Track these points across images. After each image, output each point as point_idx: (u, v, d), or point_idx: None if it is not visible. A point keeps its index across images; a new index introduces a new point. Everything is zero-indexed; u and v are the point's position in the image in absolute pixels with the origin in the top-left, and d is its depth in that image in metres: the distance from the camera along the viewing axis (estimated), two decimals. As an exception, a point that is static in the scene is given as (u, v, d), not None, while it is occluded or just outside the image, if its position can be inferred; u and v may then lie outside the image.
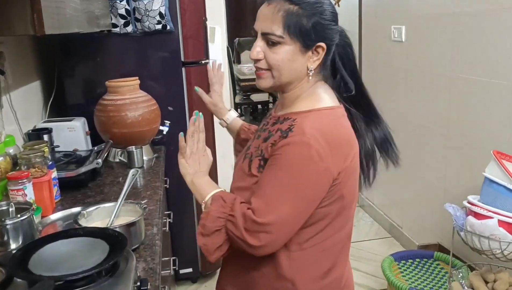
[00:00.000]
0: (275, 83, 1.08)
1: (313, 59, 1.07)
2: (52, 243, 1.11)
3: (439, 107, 2.55)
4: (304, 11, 1.03)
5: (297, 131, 1.02)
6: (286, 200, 1.00)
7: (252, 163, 1.09)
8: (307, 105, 1.09)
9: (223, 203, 1.05)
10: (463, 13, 2.29)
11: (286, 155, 1.00)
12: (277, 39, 1.03)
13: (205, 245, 1.04)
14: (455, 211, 1.79)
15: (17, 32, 1.04)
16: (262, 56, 1.06)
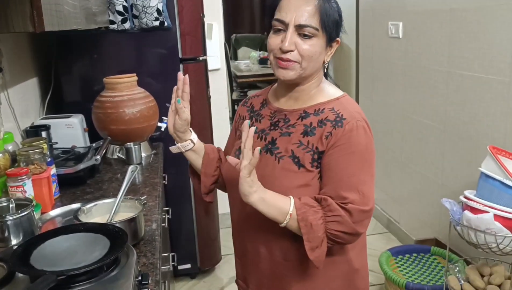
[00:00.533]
0: (300, 75, 1.09)
1: (329, 52, 1.12)
2: (53, 238, 1.12)
3: (437, 102, 2.57)
4: (331, 6, 1.07)
5: (348, 117, 1.08)
6: (370, 182, 1.08)
7: (301, 159, 1.09)
8: (327, 96, 1.14)
9: (315, 209, 1.03)
10: (460, 9, 2.31)
11: (355, 142, 1.06)
12: (314, 32, 1.05)
13: (318, 257, 1.04)
14: (451, 206, 1.80)
15: (16, 29, 1.05)
16: (294, 47, 1.06)
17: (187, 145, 1.27)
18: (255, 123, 1.21)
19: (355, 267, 1.18)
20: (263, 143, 1.16)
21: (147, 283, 1.06)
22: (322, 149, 1.07)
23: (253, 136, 1.01)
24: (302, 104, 1.15)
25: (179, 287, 2.70)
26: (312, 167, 1.08)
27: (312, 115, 1.11)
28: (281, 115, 1.16)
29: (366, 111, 3.60)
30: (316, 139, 1.08)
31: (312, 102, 1.14)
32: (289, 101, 1.17)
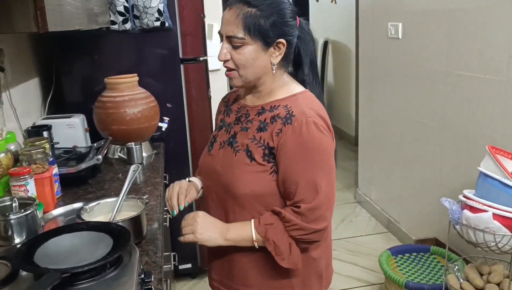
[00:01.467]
0: (244, 81, 1.17)
1: (276, 54, 1.16)
2: (56, 237, 1.13)
3: (435, 102, 2.58)
4: (262, 12, 1.11)
5: (298, 114, 1.12)
6: (321, 174, 1.11)
7: (254, 153, 1.16)
8: (286, 92, 1.20)
9: (274, 226, 1.12)
10: (459, 10, 2.32)
11: (304, 139, 1.10)
12: (240, 41, 1.12)
13: (291, 264, 1.13)
14: (451, 205, 1.81)
15: (20, 29, 1.06)
16: (229, 57, 1.15)
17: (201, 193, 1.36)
18: (225, 117, 1.28)
19: (312, 256, 1.25)
20: (228, 136, 1.24)
21: (150, 281, 1.07)
22: (273, 145, 1.14)
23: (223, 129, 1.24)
24: (262, 100, 1.22)
25: (180, 286, 2.71)
26: (263, 161, 1.15)
27: (267, 112, 1.18)
28: (244, 110, 1.24)
29: (365, 111, 3.63)
30: (267, 135, 1.15)
31: (271, 98, 1.20)
32: (253, 98, 1.24)
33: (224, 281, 1.32)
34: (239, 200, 1.18)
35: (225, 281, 1.31)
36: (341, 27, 5.48)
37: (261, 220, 1.14)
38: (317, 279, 1.29)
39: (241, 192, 1.17)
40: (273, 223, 1.12)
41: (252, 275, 1.24)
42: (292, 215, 1.11)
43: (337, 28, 5.59)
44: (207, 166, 1.27)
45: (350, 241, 3.18)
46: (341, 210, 3.67)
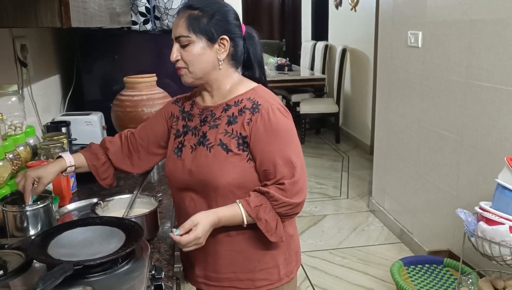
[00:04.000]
0: (193, 77, 1.26)
1: (221, 50, 1.25)
2: (71, 230, 1.15)
3: (454, 113, 2.55)
4: (204, 12, 1.23)
5: (263, 103, 1.24)
6: (293, 151, 1.22)
7: (229, 145, 1.24)
8: (244, 88, 1.29)
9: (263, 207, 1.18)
10: (480, 21, 2.29)
11: (272, 123, 1.22)
12: (185, 40, 1.22)
13: (278, 238, 1.22)
14: (466, 217, 1.79)
15: (44, 24, 1.08)
16: (179, 57, 1.25)
17: (70, 170, 1.38)
18: (187, 122, 1.34)
19: (289, 233, 1.35)
20: (196, 138, 1.30)
21: (161, 278, 1.08)
22: (246, 134, 1.23)
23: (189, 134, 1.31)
24: (223, 98, 1.30)
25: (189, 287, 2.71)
26: (238, 150, 1.23)
27: (233, 107, 1.27)
28: (208, 111, 1.31)
29: (382, 119, 3.59)
30: (239, 126, 1.24)
31: (232, 95, 1.29)
32: (212, 98, 1.32)
33: (210, 275, 1.34)
34: (221, 191, 1.24)
35: (212, 274, 1.34)
36: (360, 35, 5.47)
37: (251, 203, 1.19)
38: (295, 255, 1.40)
39: (222, 183, 1.23)
40: (263, 204, 1.19)
41: (239, 261, 1.30)
42: (279, 193, 1.18)
43: (356, 36, 5.58)
44: (179, 170, 1.30)
45: (362, 250, 3.15)
46: (354, 218, 3.65)
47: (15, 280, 1.03)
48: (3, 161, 1.39)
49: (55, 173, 1.33)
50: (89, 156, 1.41)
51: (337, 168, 4.85)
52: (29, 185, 1.26)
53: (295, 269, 1.40)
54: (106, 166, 1.42)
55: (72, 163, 1.37)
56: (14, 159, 1.50)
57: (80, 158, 1.40)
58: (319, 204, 3.92)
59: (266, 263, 1.32)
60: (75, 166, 1.38)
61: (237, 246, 1.29)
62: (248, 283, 1.32)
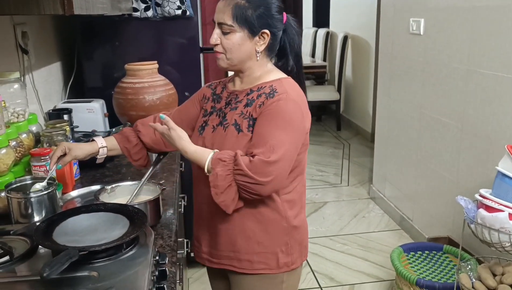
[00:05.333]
0: (229, 64, 1.30)
1: (260, 43, 1.29)
2: (75, 216, 1.16)
3: (455, 100, 2.55)
4: (250, 4, 1.25)
5: (281, 91, 1.26)
6: (284, 141, 1.21)
7: (241, 125, 1.28)
8: (270, 77, 1.32)
9: (224, 163, 1.20)
10: (483, 7, 2.28)
11: (279, 108, 1.23)
12: (228, 28, 1.25)
13: (223, 201, 1.21)
14: (466, 204, 1.80)
15: (47, 11, 1.08)
16: (219, 41, 1.28)
17: (103, 152, 1.43)
18: (215, 104, 1.39)
19: (293, 224, 1.36)
20: (218, 119, 1.35)
21: (164, 263, 1.09)
22: (255, 116, 1.26)
23: (213, 114, 1.35)
24: (249, 84, 1.34)
25: (191, 273, 2.74)
26: (248, 131, 1.27)
27: (255, 92, 1.31)
28: (233, 95, 1.36)
29: (383, 107, 3.59)
30: (252, 108, 1.28)
31: (258, 82, 1.33)
32: (241, 84, 1.36)
33: (213, 252, 1.40)
34: None
35: (214, 251, 1.40)
36: (361, 22, 5.44)
37: (219, 154, 1.21)
38: (299, 246, 1.40)
39: None
40: (226, 161, 1.20)
41: (239, 241, 1.34)
42: (244, 161, 1.18)
43: (358, 23, 5.55)
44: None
45: (362, 236, 3.17)
46: (355, 205, 3.67)
47: (21, 266, 1.04)
48: (7, 148, 1.40)
49: (86, 151, 1.39)
50: (120, 139, 1.47)
51: (338, 155, 4.86)
52: (58, 152, 1.33)
53: (299, 261, 1.41)
54: (138, 148, 1.47)
55: (103, 145, 1.43)
56: (17, 146, 1.51)
57: (112, 141, 1.46)
58: (320, 191, 3.94)
59: (264, 247, 1.34)
60: (107, 147, 1.43)
61: (238, 225, 1.33)
62: (246, 264, 1.35)
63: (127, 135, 1.48)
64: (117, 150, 1.47)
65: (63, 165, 1.36)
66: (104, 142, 1.44)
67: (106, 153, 1.45)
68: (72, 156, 1.36)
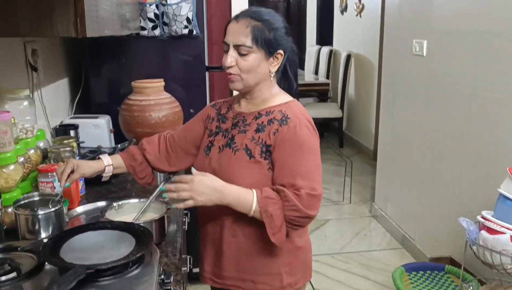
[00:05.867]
0: (245, 85, 1.31)
1: (274, 64, 1.32)
2: (82, 233, 1.17)
3: (457, 122, 2.57)
4: (266, 26, 1.27)
5: (293, 117, 1.28)
6: (316, 170, 1.25)
7: (253, 151, 1.29)
8: (279, 100, 1.34)
9: (273, 201, 1.21)
10: (485, 32, 2.32)
11: (297, 136, 1.25)
12: (247, 50, 1.26)
13: (279, 239, 1.23)
14: (468, 225, 1.81)
15: (60, 33, 1.11)
16: (234, 63, 1.28)
17: (109, 170, 1.47)
18: (221, 124, 1.41)
19: (298, 245, 1.38)
20: (225, 140, 1.36)
21: (170, 282, 1.11)
22: (270, 143, 1.27)
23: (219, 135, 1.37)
24: (257, 107, 1.35)
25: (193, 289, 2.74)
26: (261, 158, 1.28)
27: (264, 116, 1.32)
28: (240, 117, 1.37)
29: (386, 126, 3.62)
30: (265, 135, 1.29)
31: (266, 105, 1.34)
32: (248, 105, 1.38)
33: (216, 271, 1.41)
34: None
35: (218, 271, 1.40)
36: (365, 41, 5.49)
37: (263, 193, 1.22)
38: (302, 266, 1.41)
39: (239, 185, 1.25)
40: (274, 199, 1.21)
41: (243, 261, 1.35)
42: (293, 196, 1.20)
43: (361, 41, 5.61)
44: (205, 167, 1.36)
45: (363, 255, 3.17)
46: (356, 223, 3.67)
47: (28, 283, 1.05)
48: (15, 164, 1.42)
49: (93, 168, 1.42)
50: (126, 157, 1.50)
51: (340, 173, 4.87)
52: (68, 169, 1.35)
53: (302, 281, 1.42)
54: (143, 166, 1.50)
55: (109, 163, 1.46)
56: (25, 162, 1.53)
57: (117, 159, 1.49)
58: (322, 208, 3.90)
59: (269, 268, 1.35)
60: (113, 165, 1.46)
61: (243, 246, 1.34)
62: (250, 285, 1.36)
63: (132, 153, 1.51)
64: (122, 168, 1.50)
65: (71, 182, 1.38)
66: (110, 160, 1.47)
67: (112, 171, 1.48)
68: (80, 173, 1.39)
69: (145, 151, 1.50)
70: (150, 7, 2.30)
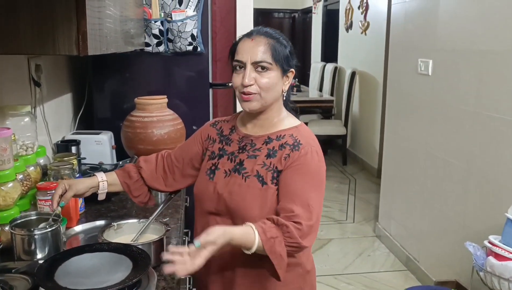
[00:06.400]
0: (263, 104, 1.27)
1: (286, 82, 1.31)
2: (78, 255, 1.14)
3: (462, 142, 2.54)
4: (280, 44, 1.27)
5: (305, 143, 1.26)
6: (317, 199, 1.22)
7: (265, 178, 1.25)
8: (289, 124, 1.32)
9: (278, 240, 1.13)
10: (490, 51, 2.30)
11: (307, 163, 1.23)
12: (268, 66, 1.24)
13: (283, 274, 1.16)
14: (475, 251, 1.77)
15: (62, 52, 1.10)
16: (253, 81, 1.24)
17: (103, 186, 1.43)
18: (224, 146, 1.36)
19: (307, 269, 1.36)
20: (233, 164, 1.31)
21: (167, 308, 1.07)
22: (281, 168, 1.25)
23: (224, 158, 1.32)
24: (266, 130, 1.32)
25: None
26: (272, 183, 1.25)
27: (274, 141, 1.29)
28: (248, 140, 1.33)
29: (390, 144, 3.58)
30: (276, 160, 1.26)
31: (275, 129, 1.32)
32: (255, 128, 1.34)
33: None
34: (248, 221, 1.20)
35: None
36: (369, 58, 5.49)
37: (267, 232, 1.13)
38: (310, 289, 1.38)
39: (252, 215, 1.22)
40: (278, 237, 1.15)
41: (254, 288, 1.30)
42: (296, 231, 1.15)
43: (366, 59, 5.61)
44: (209, 192, 1.31)
45: (367, 276, 3.12)
46: (360, 243, 3.62)
47: (21, 306, 1.02)
48: (14, 182, 1.40)
49: (86, 184, 1.39)
50: (121, 174, 1.46)
51: (344, 190, 4.83)
52: (59, 191, 1.32)
53: None
54: (138, 184, 1.46)
55: (103, 179, 1.42)
56: (24, 179, 1.51)
57: (112, 176, 1.46)
58: (325, 227, 3.89)
59: None
60: (107, 181, 1.43)
61: (254, 272, 1.28)
62: None
63: (128, 170, 1.47)
64: (117, 186, 1.46)
65: (66, 202, 1.35)
66: (104, 176, 1.44)
67: (106, 187, 1.44)
68: (73, 190, 1.35)
69: (141, 169, 1.46)
70: (155, 23, 2.30)
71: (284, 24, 9.39)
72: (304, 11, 9.01)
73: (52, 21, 1.07)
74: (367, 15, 5.54)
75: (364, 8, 5.59)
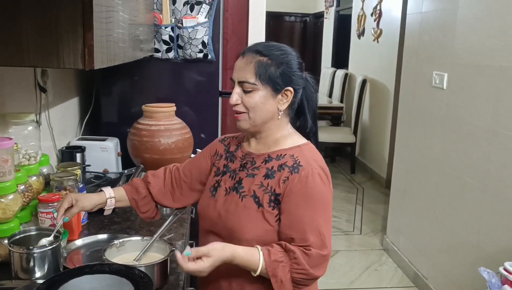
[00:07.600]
0: (251, 124, 1.24)
1: (283, 101, 1.24)
2: (77, 278, 1.09)
3: (477, 159, 2.47)
4: (273, 61, 1.20)
5: (305, 165, 1.20)
6: (327, 226, 1.18)
7: (261, 199, 1.21)
8: (291, 142, 1.26)
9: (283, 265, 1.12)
10: (510, 68, 2.23)
11: (309, 187, 1.17)
12: (251, 86, 1.20)
13: None
14: (490, 277, 1.70)
15: (66, 65, 1.05)
16: (240, 101, 1.22)
17: (111, 203, 1.39)
18: (229, 163, 1.32)
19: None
20: (233, 181, 1.28)
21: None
22: (279, 192, 1.20)
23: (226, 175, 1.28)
24: (267, 148, 1.28)
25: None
26: (269, 207, 1.20)
27: (274, 160, 1.24)
28: (249, 158, 1.29)
29: (401, 157, 3.51)
30: (275, 182, 1.21)
31: (277, 147, 1.26)
32: (257, 145, 1.30)
33: None
34: (243, 244, 1.19)
35: None
36: (381, 67, 5.42)
37: (272, 255, 1.13)
38: None
39: (246, 237, 1.19)
40: (283, 261, 1.13)
41: None
42: (303, 257, 1.13)
43: (377, 67, 5.53)
44: (210, 209, 1.29)
45: (373, 291, 3.05)
46: (367, 256, 3.55)
47: (16, 332, 0.98)
48: (14, 194, 1.35)
49: (94, 201, 1.35)
50: (129, 190, 1.43)
51: (351, 200, 4.76)
52: (65, 203, 1.29)
53: None
54: (146, 200, 1.42)
55: (111, 195, 1.39)
56: (26, 190, 1.46)
57: (120, 191, 1.42)
58: (332, 238, 3.80)
59: None
60: (115, 198, 1.39)
61: None
62: None
63: (136, 186, 1.44)
64: (125, 201, 1.43)
65: (70, 217, 1.31)
66: (112, 192, 1.40)
67: (114, 204, 1.41)
68: (80, 207, 1.32)
69: (149, 184, 1.43)
70: (166, 29, 2.25)
71: (295, 28, 9.33)
72: (316, 16, 8.94)
73: (57, 33, 1.02)
74: (380, 22, 5.46)
75: (377, 15, 5.52)
